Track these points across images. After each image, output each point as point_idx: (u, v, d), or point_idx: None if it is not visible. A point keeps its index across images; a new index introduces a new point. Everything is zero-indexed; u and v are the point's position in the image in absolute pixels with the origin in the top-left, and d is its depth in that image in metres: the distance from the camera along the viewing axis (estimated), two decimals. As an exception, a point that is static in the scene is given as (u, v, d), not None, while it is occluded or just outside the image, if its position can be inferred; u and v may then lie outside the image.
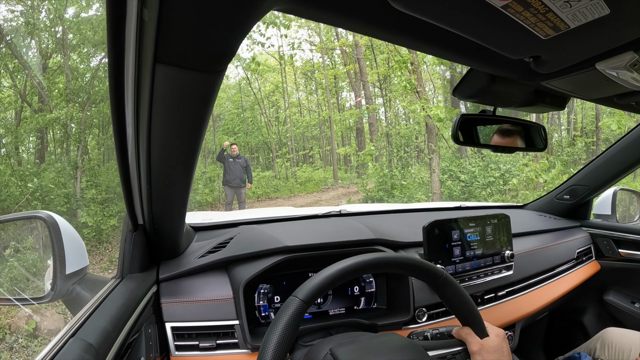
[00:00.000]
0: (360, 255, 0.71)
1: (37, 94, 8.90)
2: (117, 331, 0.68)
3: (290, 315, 0.60)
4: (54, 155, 10.17)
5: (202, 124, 0.59)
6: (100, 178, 9.31)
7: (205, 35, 0.42)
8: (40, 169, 8.56)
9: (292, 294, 0.63)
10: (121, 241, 0.94)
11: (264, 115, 17.12)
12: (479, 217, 1.20)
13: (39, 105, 8.82)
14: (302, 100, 20.85)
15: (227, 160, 8.25)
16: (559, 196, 1.94)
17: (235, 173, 8.15)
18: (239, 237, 1.13)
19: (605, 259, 1.79)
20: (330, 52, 16.76)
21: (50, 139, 10.40)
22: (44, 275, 1.08)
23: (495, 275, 1.23)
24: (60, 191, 7.77)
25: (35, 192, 7.33)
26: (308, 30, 17.07)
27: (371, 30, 0.61)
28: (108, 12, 0.42)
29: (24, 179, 7.53)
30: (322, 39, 16.11)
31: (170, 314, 0.93)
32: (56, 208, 7.25)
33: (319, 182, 14.89)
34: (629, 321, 1.71)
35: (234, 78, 17.06)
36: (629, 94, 0.95)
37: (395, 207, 1.82)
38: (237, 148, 8.49)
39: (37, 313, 4.14)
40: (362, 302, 1.12)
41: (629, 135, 1.60)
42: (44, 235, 1.01)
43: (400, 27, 0.59)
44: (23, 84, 8.86)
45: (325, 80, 16.11)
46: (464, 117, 1.09)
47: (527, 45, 0.62)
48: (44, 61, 8.73)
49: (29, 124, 8.61)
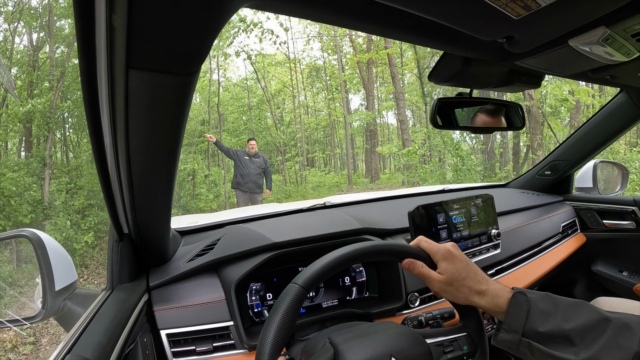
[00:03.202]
0: (361, 242, 0.71)
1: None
2: (113, 343, 0.67)
3: (290, 301, 0.60)
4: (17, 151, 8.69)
5: (180, 126, 0.59)
6: (83, 180, 7.71)
7: (177, 38, 0.43)
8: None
9: (292, 281, 0.63)
10: (108, 252, 0.93)
11: (272, 114, 16.33)
12: (463, 198, 1.22)
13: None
14: (309, 100, 20.13)
15: (242, 158, 6.72)
16: (540, 172, 1.97)
17: (251, 175, 6.65)
18: (225, 237, 1.13)
19: (590, 231, 1.83)
20: (342, 50, 16.18)
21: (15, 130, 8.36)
22: (33, 295, 1.07)
23: (484, 254, 1.25)
24: (24, 196, 6.23)
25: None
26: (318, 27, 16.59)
27: (343, 21, 0.61)
28: (76, 18, 0.42)
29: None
30: (334, 33, 15.42)
31: (164, 321, 0.93)
32: (17, 218, 5.91)
33: (331, 187, 14.11)
34: (618, 289, 1.75)
35: (238, 76, 16.43)
36: (603, 68, 0.97)
37: (379, 194, 1.83)
38: (255, 145, 6.94)
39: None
40: (354, 292, 1.14)
41: (606, 108, 1.64)
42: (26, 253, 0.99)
43: (372, 16, 0.59)
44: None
45: (340, 76, 15.50)
46: (442, 101, 1.10)
47: (500, 26, 0.63)
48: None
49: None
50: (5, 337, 3.99)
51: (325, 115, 19.62)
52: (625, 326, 0.61)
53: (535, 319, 0.65)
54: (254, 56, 12.55)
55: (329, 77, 18.02)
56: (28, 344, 3.95)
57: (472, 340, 0.75)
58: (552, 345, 0.63)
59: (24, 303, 1.08)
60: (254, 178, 6.66)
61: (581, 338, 0.61)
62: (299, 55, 17.96)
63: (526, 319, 0.65)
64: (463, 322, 0.77)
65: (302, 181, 14.93)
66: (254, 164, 6.71)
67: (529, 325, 0.65)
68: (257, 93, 16.19)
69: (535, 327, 0.64)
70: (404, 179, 11.94)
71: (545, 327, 0.64)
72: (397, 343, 0.66)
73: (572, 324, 0.63)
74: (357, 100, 29.65)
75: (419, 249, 0.75)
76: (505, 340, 0.67)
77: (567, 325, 0.63)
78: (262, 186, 6.82)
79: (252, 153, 6.75)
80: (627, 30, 0.71)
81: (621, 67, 0.96)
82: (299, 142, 17.21)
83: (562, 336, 0.62)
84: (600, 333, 0.61)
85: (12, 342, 3.94)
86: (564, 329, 0.63)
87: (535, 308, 0.66)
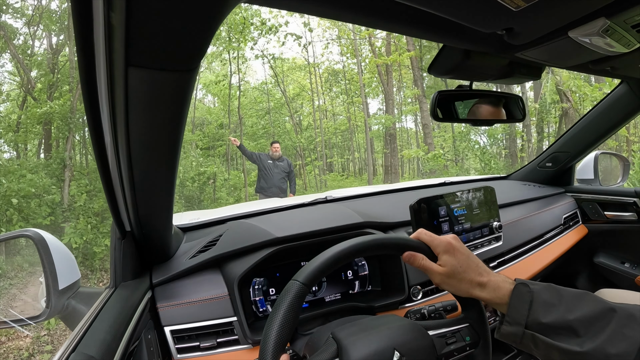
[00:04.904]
0: (360, 237, 0.71)
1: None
2: (117, 341, 0.68)
3: (292, 298, 0.60)
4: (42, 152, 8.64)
5: (180, 123, 0.59)
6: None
7: (175, 35, 0.43)
8: (15, 166, 6.62)
9: (292, 278, 0.63)
10: (110, 250, 0.93)
11: (292, 117, 16.23)
12: (464, 191, 1.22)
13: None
14: (327, 104, 19.85)
15: (265, 162, 6.44)
16: (541, 164, 1.97)
17: (274, 180, 6.37)
18: (228, 233, 1.13)
19: (592, 222, 1.83)
20: (361, 54, 15.96)
21: (35, 133, 8.62)
22: (37, 294, 1.07)
23: (485, 247, 1.25)
24: (43, 198, 6.06)
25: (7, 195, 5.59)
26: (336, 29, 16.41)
27: (341, 15, 0.61)
28: (74, 18, 0.42)
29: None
30: (354, 36, 15.20)
31: (167, 318, 0.93)
32: (36, 220, 5.78)
33: None
34: (621, 281, 1.75)
35: (256, 80, 16.38)
36: (603, 60, 0.97)
37: (380, 188, 1.83)
38: (279, 148, 6.63)
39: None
40: (356, 286, 1.14)
41: (606, 100, 1.64)
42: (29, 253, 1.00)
43: (372, 9, 0.59)
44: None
45: (360, 79, 15.20)
46: (442, 94, 1.11)
47: (500, 18, 0.63)
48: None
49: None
50: (22, 345, 3.92)
51: (343, 120, 19.45)
52: (630, 316, 0.59)
53: (539, 310, 0.64)
54: (273, 59, 12.56)
55: (348, 81, 17.83)
56: (45, 352, 3.88)
57: (474, 330, 0.75)
58: (556, 336, 0.61)
59: (28, 302, 1.08)
60: (278, 182, 6.42)
61: (586, 329, 0.60)
62: (318, 59, 17.88)
63: (529, 311, 0.64)
64: (465, 313, 0.77)
65: (322, 186, 14.76)
66: (277, 168, 6.46)
67: (532, 317, 0.64)
68: (274, 97, 16.12)
69: (538, 319, 0.63)
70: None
71: (548, 318, 0.62)
72: (400, 336, 0.66)
73: (576, 315, 0.61)
74: (375, 104, 29.62)
75: (420, 242, 0.74)
76: (508, 332, 0.66)
77: (571, 315, 0.61)
78: (285, 190, 6.54)
79: (276, 156, 6.49)
80: (627, 22, 0.71)
81: (621, 59, 0.96)
82: (318, 147, 17.04)
83: (567, 327, 0.61)
84: (605, 324, 0.59)
85: (28, 351, 3.87)
86: (568, 319, 0.61)
87: (538, 299, 0.65)
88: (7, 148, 8.39)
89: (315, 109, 17.81)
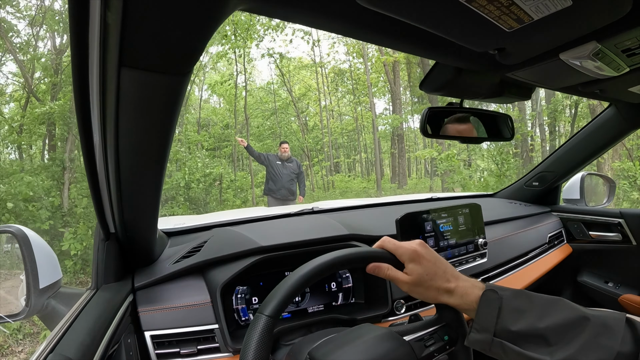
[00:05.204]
0: (321, 256, 0.69)
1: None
2: (97, 343, 0.67)
3: (260, 334, 0.58)
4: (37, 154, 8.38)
5: (170, 127, 0.59)
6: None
7: (170, 38, 0.43)
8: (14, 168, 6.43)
9: (258, 311, 0.61)
10: (94, 251, 0.93)
11: (298, 118, 16.07)
12: (451, 207, 1.23)
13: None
14: (334, 105, 19.68)
15: (273, 163, 6.23)
16: (528, 183, 2.00)
17: (283, 181, 6.15)
18: (212, 240, 1.13)
19: (576, 242, 1.86)
20: (368, 53, 15.78)
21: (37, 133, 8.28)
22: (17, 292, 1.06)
23: (470, 263, 1.26)
24: (43, 201, 5.77)
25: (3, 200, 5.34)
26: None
27: (338, 28, 0.62)
28: (71, 15, 0.42)
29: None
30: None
31: (148, 322, 0.92)
32: (35, 225, 5.48)
33: (359, 193, 13.49)
34: (604, 300, 1.77)
35: (262, 80, 16.27)
36: (593, 82, 0.99)
37: (367, 201, 1.84)
38: (288, 148, 6.40)
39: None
40: (340, 298, 1.14)
41: (594, 122, 1.67)
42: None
43: (367, 24, 0.60)
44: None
45: (367, 79, 15.03)
46: (432, 110, 1.11)
47: (492, 37, 0.63)
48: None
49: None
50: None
51: (349, 120, 19.30)
52: (605, 325, 0.58)
53: (507, 317, 0.62)
54: (280, 56, 12.51)
55: (355, 81, 17.70)
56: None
57: (451, 329, 0.74)
58: (525, 345, 0.59)
59: (6, 300, 1.07)
60: (287, 184, 6.19)
61: (557, 337, 0.58)
62: (324, 59, 17.84)
63: (497, 318, 0.62)
64: (439, 313, 0.76)
65: (329, 187, 14.61)
66: (286, 169, 6.22)
67: (500, 324, 0.62)
68: (280, 97, 16.01)
69: (507, 326, 0.61)
70: (445, 185, 11.06)
71: (518, 325, 0.61)
72: (377, 348, 0.66)
73: (547, 322, 0.59)
74: (381, 105, 29.60)
75: (384, 251, 0.73)
76: (476, 340, 0.64)
77: (542, 323, 0.59)
78: (295, 192, 6.33)
79: (285, 157, 6.26)
80: (618, 46, 0.72)
81: (611, 82, 0.97)
82: (325, 147, 16.85)
83: (537, 335, 0.59)
84: (578, 332, 0.57)
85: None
86: (538, 327, 0.59)
87: (507, 306, 0.63)
88: (9, 150, 8.30)
89: (326, 105, 17.70)
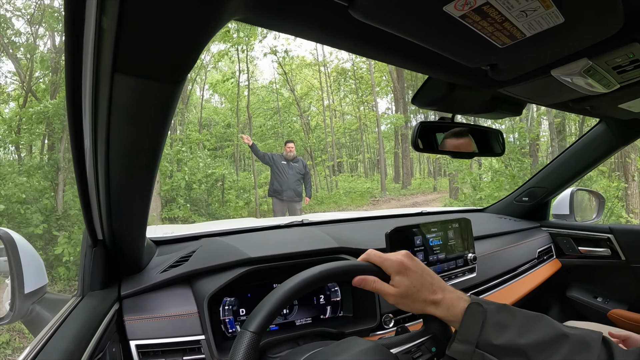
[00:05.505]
0: (306, 270, 0.68)
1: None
2: (81, 351, 0.66)
3: (244, 351, 0.57)
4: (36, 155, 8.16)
5: (162, 135, 0.59)
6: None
7: (165, 46, 0.43)
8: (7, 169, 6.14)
9: (242, 327, 0.60)
10: (81, 257, 0.92)
11: (302, 117, 15.90)
12: (440, 221, 1.23)
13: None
14: (337, 104, 19.51)
15: (278, 163, 6.05)
16: (518, 198, 2.02)
17: (289, 182, 5.97)
18: (201, 250, 1.12)
19: (565, 257, 1.87)
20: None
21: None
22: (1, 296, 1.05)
23: (459, 278, 1.26)
24: (36, 204, 5.56)
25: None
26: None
27: (332, 41, 0.62)
28: (66, 18, 0.42)
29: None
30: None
31: (134, 332, 0.91)
32: (27, 229, 5.24)
33: (363, 193, 13.35)
34: (593, 315, 1.79)
35: (264, 79, 16.14)
36: (584, 99, 1.00)
37: (357, 214, 1.85)
38: (293, 147, 6.23)
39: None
40: (328, 311, 1.13)
41: (584, 138, 1.69)
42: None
43: (361, 37, 0.60)
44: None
45: (371, 78, 15.03)
46: (423, 125, 1.12)
47: (485, 53, 0.64)
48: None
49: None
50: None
51: (352, 119, 19.24)
52: (583, 343, 0.59)
53: (490, 330, 0.63)
54: (285, 53, 12.49)
55: (358, 80, 17.67)
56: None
57: (438, 340, 0.74)
58: (506, 358, 0.61)
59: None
60: (293, 185, 6.02)
61: (536, 353, 0.59)
62: (327, 58, 17.83)
63: (481, 331, 0.63)
64: (426, 325, 0.76)
65: (332, 187, 14.50)
66: (292, 170, 6.05)
67: (483, 337, 0.63)
68: (282, 96, 15.93)
69: (489, 340, 0.62)
70: (456, 185, 10.62)
71: (500, 339, 0.62)
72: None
73: (527, 339, 0.61)
74: (383, 104, 29.61)
75: (370, 264, 0.73)
76: (458, 350, 0.65)
77: (523, 339, 0.61)
78: (301, 194, 6.17)
79: (291, 157, 6.10)
80: (609, 63, 0.73)
81: (601, 99, 0.99)
82: (328, 147, 16.68)
83: (517, 350, 0.60)
84: (555, 349, 0.59)
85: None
86: (519, 343, 0.61)
87: (491, 320, 0.64)
88: (8, 150, 8.05)
89: (324, 109, 17.58)
